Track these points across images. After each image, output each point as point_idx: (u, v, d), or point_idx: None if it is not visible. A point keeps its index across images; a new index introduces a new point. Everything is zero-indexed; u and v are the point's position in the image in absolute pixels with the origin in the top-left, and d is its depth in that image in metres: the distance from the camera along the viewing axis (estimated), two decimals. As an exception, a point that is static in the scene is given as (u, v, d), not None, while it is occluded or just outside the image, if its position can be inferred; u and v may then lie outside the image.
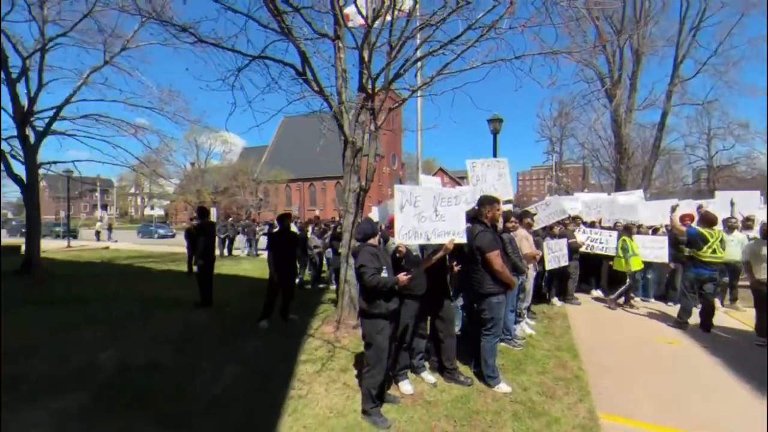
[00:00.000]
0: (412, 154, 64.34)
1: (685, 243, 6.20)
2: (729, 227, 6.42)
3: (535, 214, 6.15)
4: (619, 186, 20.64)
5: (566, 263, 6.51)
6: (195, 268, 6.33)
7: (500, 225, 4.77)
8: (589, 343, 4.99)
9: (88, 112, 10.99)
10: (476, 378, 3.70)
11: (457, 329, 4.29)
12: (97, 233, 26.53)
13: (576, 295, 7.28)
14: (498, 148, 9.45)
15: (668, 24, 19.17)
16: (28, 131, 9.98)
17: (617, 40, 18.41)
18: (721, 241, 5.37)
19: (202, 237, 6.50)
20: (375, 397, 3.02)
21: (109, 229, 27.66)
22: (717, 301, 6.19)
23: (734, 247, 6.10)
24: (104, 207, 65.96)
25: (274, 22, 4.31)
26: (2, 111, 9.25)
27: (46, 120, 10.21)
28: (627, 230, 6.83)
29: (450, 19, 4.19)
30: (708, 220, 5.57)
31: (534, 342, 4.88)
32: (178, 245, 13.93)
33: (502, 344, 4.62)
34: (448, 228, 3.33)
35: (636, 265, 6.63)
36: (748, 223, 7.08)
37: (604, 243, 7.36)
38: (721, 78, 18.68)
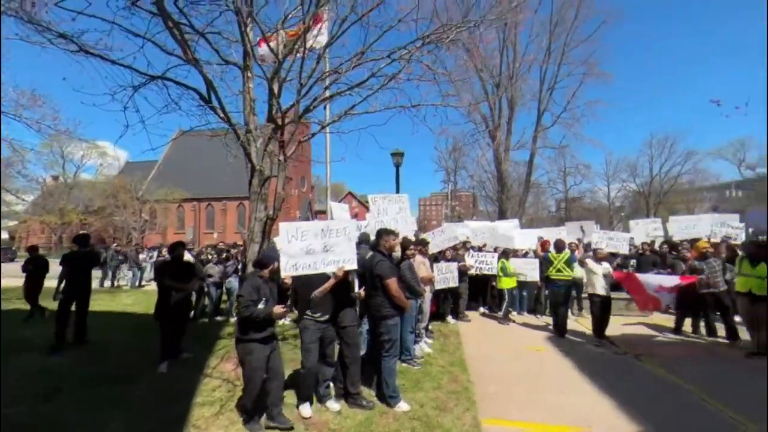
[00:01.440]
0: (321, 177, 64.39)
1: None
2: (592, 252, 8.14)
3: (428, 243, 6.83)
4: (501, 214, 24.02)
5: (456, 284, 7.32)
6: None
7: (399, 253, 5.24)
8: (476, 356, 5.68)
9: None
10: (378, 400, 3.92)
11: (362, 353, 4.49)
12: None
13: (466, 312, 8.19)
14: (401, 178, 10.29)
15: (533, 82, 23.61)
16: None
17: (497, 92, 21.91)
18: (567, 262, 6.75)
19: (66, 267, 5.64)
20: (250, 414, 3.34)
21: None
22: (569, 311, 7.67)
23: (578, 267, 7.69)
24: None
25: (178, 48, 4.15)
26: None
27: None
28: (505, 254, 8.05)
29: (357, 68, 4.62)
30: (557, 246, 7.01)
31: (431, 360, 5.35)
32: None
33: (403, 365, 4.98)
34: (337, 257, 3.68)
35: (510, 284, 7.80)
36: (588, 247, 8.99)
37: (489, 264, 8.50)
38: (570, 129, 23.54)
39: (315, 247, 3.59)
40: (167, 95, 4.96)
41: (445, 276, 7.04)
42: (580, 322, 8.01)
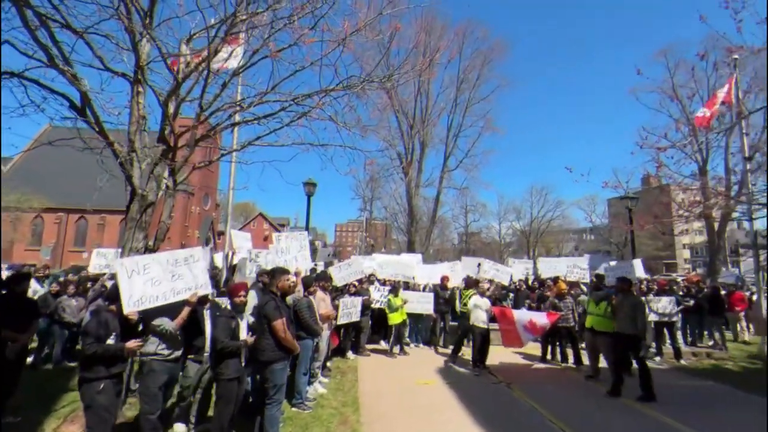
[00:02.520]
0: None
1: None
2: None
3: (331, 279, 6.81)
4: (410, 245, 25.34)
5: (358, 318, 7.36)
6: None
7: (301, 291, 5.12)
8: (371, 392, 5.71)
9: None
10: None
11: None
12: None
13: (367, 347, 8.23)
14: (320, 202, 10.27)
15: (441, 128, 26.21)
16: None
17: (410, 132, 23.73)
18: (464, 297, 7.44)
19: None
20: None
21: None
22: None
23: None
24: None
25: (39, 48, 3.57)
26: None
27: None
28: (394, 289, 8.25)
29: (267, 101, 4.57)
30: (467, 283, 7.83)
31: (324, 401, 5.19)
32: None
33: (293, 409, 4.75)
34: (189, 284, 3.73)
35: (397, 319, 7.99)
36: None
37: (392, 298, 8.76)
38: (470, 173, 26.50)
39: (161, 277, 3.57)
40: (25, 95, 4.19)
41: (349, 311, 7.04)
42: (467, 353, 8.69)
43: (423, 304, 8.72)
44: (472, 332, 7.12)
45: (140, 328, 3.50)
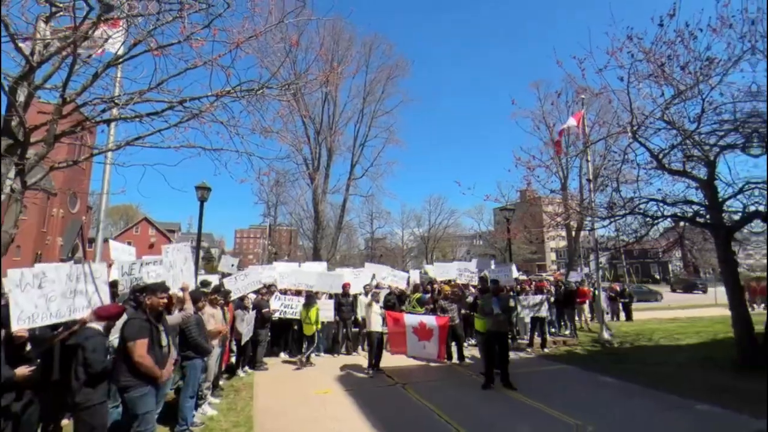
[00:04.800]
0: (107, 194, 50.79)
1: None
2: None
3: (229, 292, 6.43)
4: (316, 251, 25.08)
5: (251, 334, 7.05)
6: None
7: (190, 308, 4.72)
8: (266, 408, 5.53)
9: None
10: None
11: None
12: None
13: (265, 359, 7.91)
14: (218, 207, 9.56)
15: (348, 137, 26.74)
16: None
17: (317, 138, 23.63)
18: (419, 300, 8.24)
19: None
20: None
21: None
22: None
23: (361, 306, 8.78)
24: None
25: None
26: None
27: None
28: (308, 303, 8.16)
29: (150, 99, 4.17)
30: (414, 287, 8.73)
31: (213, 424, 4.86)
32: None
33: (176, 437, 4.35)
34: (86, 301, 3.57)
35: (312, 329, 8.00)
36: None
37: (294, 308, 8.60)
38: (375, 182, 27.56)
39: (59, 292, 3.34)
40: None
41: (248, 329, 6.72)
42: (363, 356, 8.97)
43: (324, 311, 8.75)
44: (369, 336, 7.44)
45: (28, 348, 3.16)
